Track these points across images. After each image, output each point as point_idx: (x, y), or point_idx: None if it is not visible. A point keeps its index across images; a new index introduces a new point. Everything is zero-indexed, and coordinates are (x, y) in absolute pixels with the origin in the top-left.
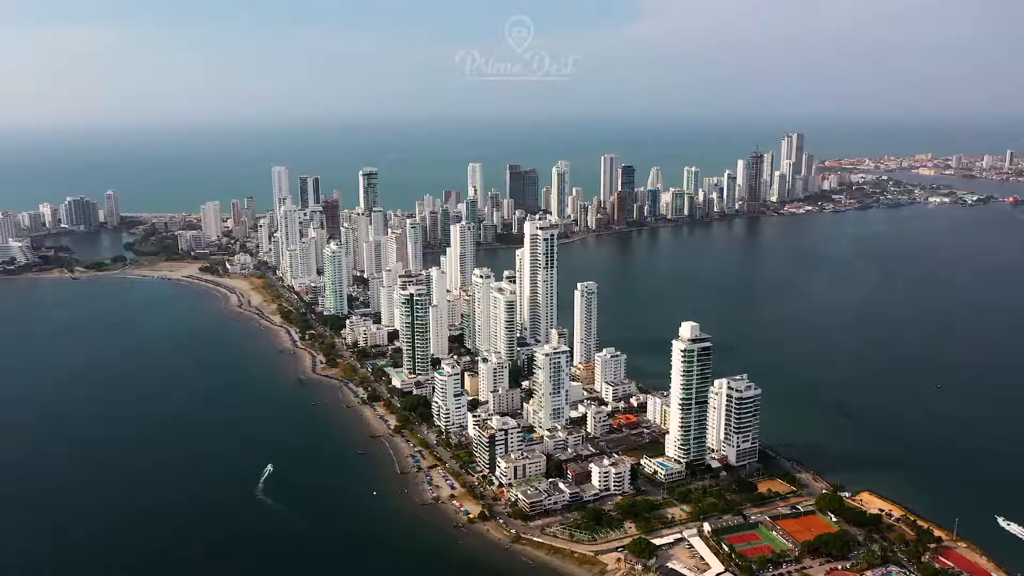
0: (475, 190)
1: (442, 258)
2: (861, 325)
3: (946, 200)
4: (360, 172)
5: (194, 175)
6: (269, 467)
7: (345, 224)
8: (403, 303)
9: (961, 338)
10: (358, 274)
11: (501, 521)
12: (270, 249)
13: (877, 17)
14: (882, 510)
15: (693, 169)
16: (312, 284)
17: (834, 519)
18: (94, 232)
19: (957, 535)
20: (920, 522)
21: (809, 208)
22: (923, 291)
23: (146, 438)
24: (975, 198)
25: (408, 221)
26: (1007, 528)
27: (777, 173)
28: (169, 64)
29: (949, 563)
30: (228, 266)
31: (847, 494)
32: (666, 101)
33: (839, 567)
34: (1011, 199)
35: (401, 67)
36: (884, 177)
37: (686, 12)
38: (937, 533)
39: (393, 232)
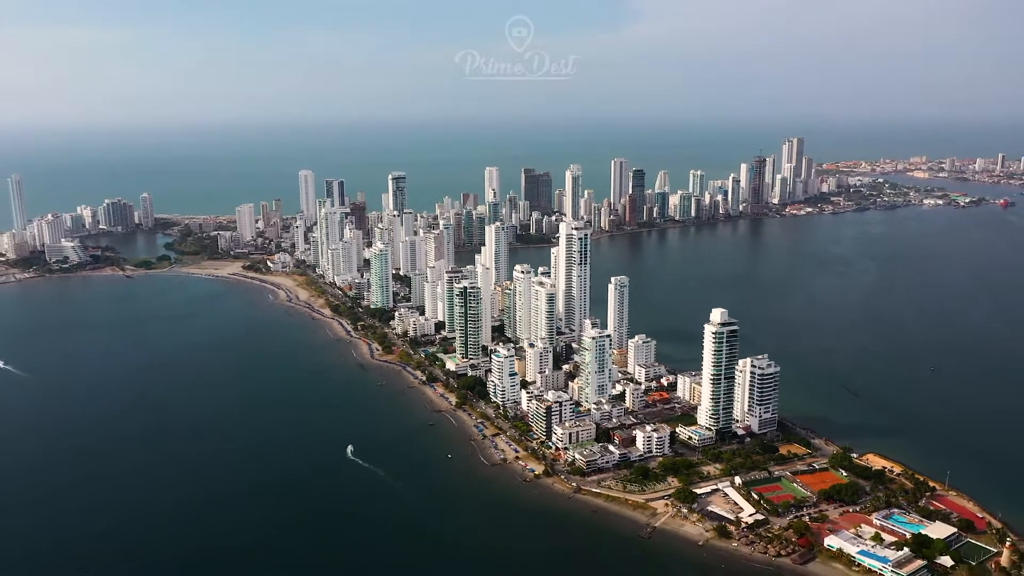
0: (494, 193)
1: (476, 256)
2: (863, 317)
3: (940, 202)
4: (390, 176)
5: (216, 177)
6: (350, 447)
7: (379, 225)
8: (457, 295)
9: (954, 328)
10: (394, 271)
11: (563, 476)
12: (307, 248)
13: (876, 21)
14: (885, 467)
15: (699, 172)
16: (356, 280)
17: (844, 474)
18: (130, 233)
19: (948, 485)
20: (917, 476)
21: (809, 210)
22: (920, 287)
23: (235, 417)
24: (967, 200)
25: (442, 222)
26: None
27: (779, 176)
28: (167, 65)
29: (942, 507)
30: (270, 264)
31: (855, 455)
32: (666, 103)
33: (850, 510)
34: (1002, 201)
35: (401, 68)
36: (880, 180)
37: (684, 15)
38: (932, 484)
39: (430, 233)
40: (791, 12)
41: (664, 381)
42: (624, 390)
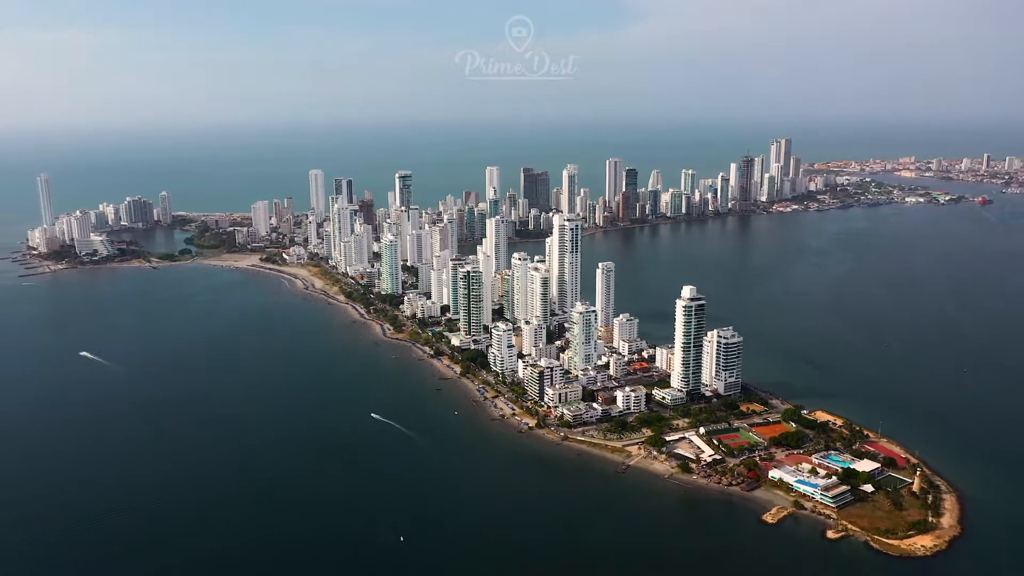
0: (495, 191)
1: (478, 247)
2: (832, 300)
3: (921, 200)
4: (397, 175)
5: (227, 178)
6: (373, 413)
7: (387, 220)
8: (461, 279)
9: (912, 309)
10: (402, 262)
11: (553, 428)
12: (319, 242)
13: (875, 21)
14: (829, 420)
15: (690, 172)
16: (367, 270)
17: (794, 425)
18: (150, 229)
19: (880, 434)
20: (855, 426)
21: (795, 207)
22: (888, 274)
23: (271, 384)
24: (948, 198)
25: (446, 217)
26: None
27: (767, 175)
28: (166, 67)
29: (872, 449)
30: (285, 257)
31: (805, 411)
32: (665, 103)
33: (795, 452)
34: (980, 199)
35: (401, 69)
36: (867, 179)
37: (683, 15)
38: (867, 432)
39: (436, 226)
40: (789, 13)
41: (645, 354)
42: (608, 361)
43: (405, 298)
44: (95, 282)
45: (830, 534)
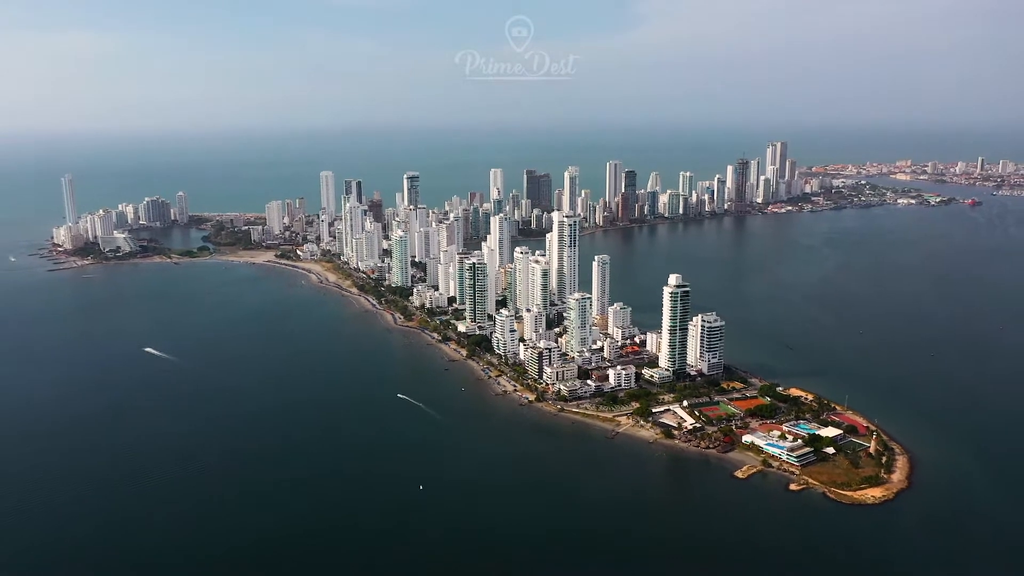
0: (498, 191)
1: (483, 244)
2: (815, 292)
3: (912, 202)
4: (405, 176)
5: (238, 180)
6: (399, 395)
7: (396, 219)
8: (468, 270)
9: (892, 301)
10: (410, 258)
11: (550, 402)
12: (331, 239)
13: (876, 25)
14: (801, 396)
15: (688, 174)
16: (377, 265)
17: (768, 399)
18: (168, 228)
19: (846, 406)
20: (823, 400)
21: (790, 208)
22: (872, 269)
23: (299, 367)
24: (938, 199)
25: (452, 215)
26: None
27: (762, 177)
28: (167, 71)
29: (837, 419)
30: (299, 253)
31: (780, 388)
32: (669, 107)
33: (768, 422)
34: (970, 200)
35: (403, 73)
36: (863, 181)
37: (687, 20)
38: (834, 405)
39: (443, 223)
40: (790, 18)
41: (637, 339)
42: (603, 345)
43: (414, 290)
44: (123, 277)
45: (792, 487)
